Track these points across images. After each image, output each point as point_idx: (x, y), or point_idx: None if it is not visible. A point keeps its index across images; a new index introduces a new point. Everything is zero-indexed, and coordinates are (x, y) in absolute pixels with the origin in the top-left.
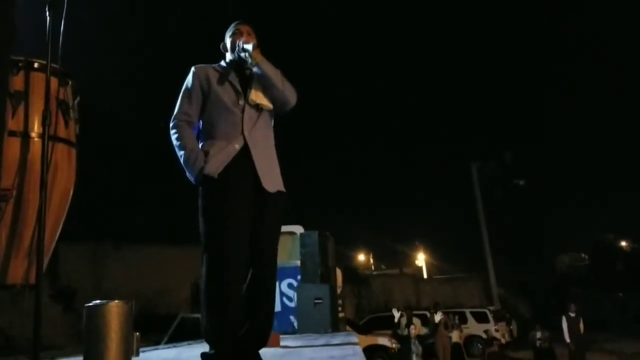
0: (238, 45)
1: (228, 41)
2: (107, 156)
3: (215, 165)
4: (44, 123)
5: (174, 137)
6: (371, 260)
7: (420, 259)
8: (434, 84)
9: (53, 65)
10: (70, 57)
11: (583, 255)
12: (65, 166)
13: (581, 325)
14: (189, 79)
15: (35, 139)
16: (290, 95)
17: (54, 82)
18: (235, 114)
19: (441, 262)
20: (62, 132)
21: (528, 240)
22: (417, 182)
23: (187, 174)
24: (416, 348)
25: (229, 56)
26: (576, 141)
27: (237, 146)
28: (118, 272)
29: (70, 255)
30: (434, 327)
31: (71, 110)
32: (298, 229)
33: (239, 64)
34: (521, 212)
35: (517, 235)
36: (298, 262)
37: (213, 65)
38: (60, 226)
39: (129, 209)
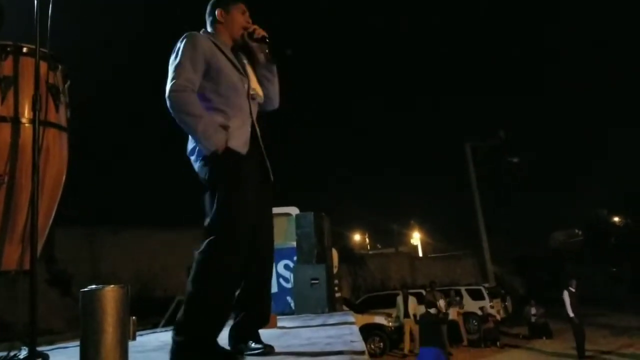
0: (256, 33)
1: (234, 16)
2: (104, 141)
3: (242, 140)
4: (34, 108)
5: (180, 104)
6: (367, 240)
7: (416, 238)
8: (429, 65)
9: (42, 49)
10: (62, 41)
11: (577, 231)
12: (57, 151)
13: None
14: (190, 46)
15: (26, 124)
16: (277, 99)
17: (43, 66)
18: (243, 97)
19: (436, 241)
20: (52, 117)
21: (522, 218)
22: (412, 162)
23: (203, 145)
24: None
25: (229, 30)
26: (571, 118)
27: (249, 127)
28: (115, 256)
29: (66, 240)
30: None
31: (61, 95)
32: (294, 210)
33: (239, 46)
34: (515, 190)
35: (511, 212)
36: (294, 243)
37: (210, 37)
38: (54, 211)
39: (125, 192)
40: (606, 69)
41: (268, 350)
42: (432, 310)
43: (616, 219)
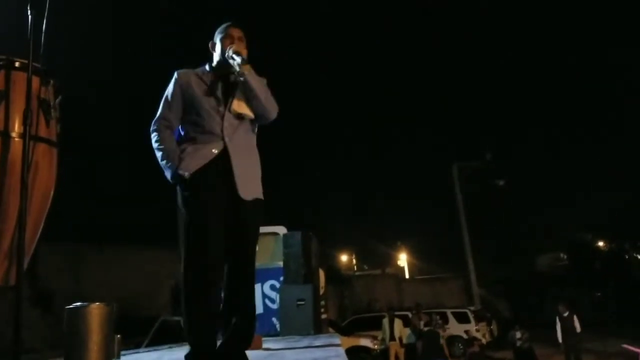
0: (228, 52)
1: (218, 44)
2: (90, 156)
3: (190, 164)
4: (25, 122)
5: (153, 139)
6: (354, 261)
7: (403, 259)
8: (416, 86)
9: (34, 64)
10: (53, 55)
11: (562, 255)
12: (46, 166)
13: (577, 324)
14: (170, 85)
15: (16, 139)
16: (271, 109)
17: (35, 81)
18: (216, 120)
19: (423, 263)
20: (43, 132)
21: (508, 241)
22: (399, 183)
23: (165, 172)
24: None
25: (216, 57)
26: (556, 142)
27: (215, 150)
28: (98, 274)
29: (50, 256)
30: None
31: (52, 110)
32: (281, 230)
33: (224, 69)
34: (501, 213)
35: (497, 235)
36: (281, 263)
37: (196, 70)
38: (41, 227)
39: (110, 210)
40: (593, 89)
41: None
42: (432, 327)
43: (601, 243)
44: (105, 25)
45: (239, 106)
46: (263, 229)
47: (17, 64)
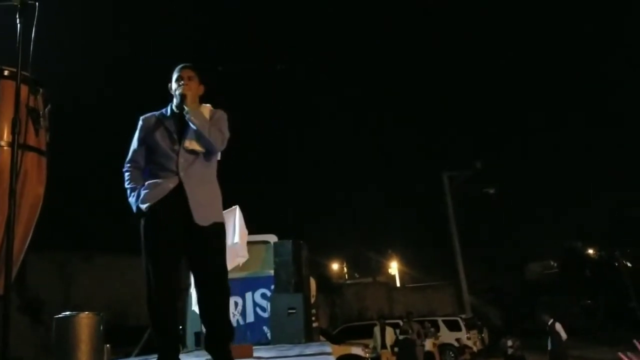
0: (175, 94)
1: (173, 85)
2: (78, 165)
3: (147, 199)
4: (14, 131)
5: (124, 179)
6: (345, 269)
7: (394, 268)
8: (406, 95)
9: (23, 72)
10: (42, 64)
11: (552, 263)
12: (35, 175)
13: (561, 332)
14: (136, 131)
15: (5, 148)
16: (216, 142)
17: (24, 89)
18: (172, 157)
19: (414, 271)
20: (32, 141)
21: (499, 249)
22: (390, 192)
23: (130, 205)
24: None
25: (174, 98)
26: (546, 150)
27: (171, 185)
28: (88, 283)
29: (38, 266)
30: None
31: (42, 119)
32: (272, 238)
33: (180, 108)
34: (492, 221)
35: (488, 243)
36: (271, 272)
37: (158, 113)
38: (30, 236)
39: (99, 218)
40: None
41: None
42: (408, 335)
43: (591, 251)
44: (93, 33)
45: (191, 143)
46: (254, 238)
47: (5, 73)
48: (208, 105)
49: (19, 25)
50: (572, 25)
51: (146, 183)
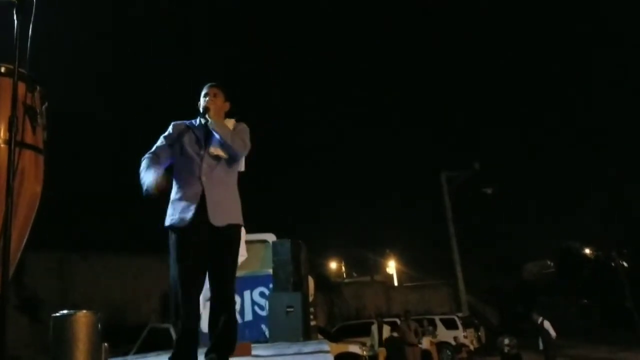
0: (200, 109)
1: (200, 101)
2: (76, 163)
3: (180, 218)
4: (11, 129)
5: (143, 163)
6: (343, 268)
7: (391, 267)
8: (405, 95)
9: (20, 70)
10: (39, 61)
11: (549, 262)
12: (32, 173)
13: (550, 330)
14: (167, 130)
15: (2, 145)
16: (238, 150)
17: (21, 87)
18: (196, 162)
19: (412, 270)
20: (29, 139)
21: (496, 248)
22: (388, 191)
23: (142, 183)
24: None
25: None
26: (544, 151)
27: (197, 191)
28: (86, 282)
29: (36, 265)
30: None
31: (39, 116)
32: (270, 237)
33: (206, 120)
34: (490, 221)
35: (485, 243)
36: (270, 271)
37: (188, 122)
38: (27, 235)
39: (97, 217)
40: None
41: None
42: (395, 334)
43: (588, 251)
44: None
45: (215, 149)
46: (252, 237)
47: (2, 70)
48: (232, 120)
49: (16, 22)
50: (571, 24)
51: (176, 192)
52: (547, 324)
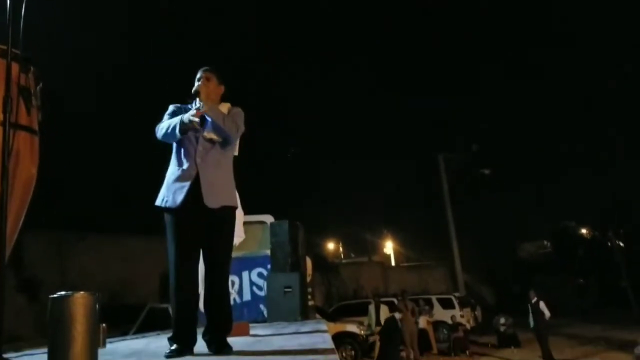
0: (194, 93)
1: (195, 84)
2: (73, 144)
3: (173, 199)
4: (5, 110)
5: (162, 125)
6: (340, 249)
7: (389, 247)
8: (402, 76)
9: (14, 50)
10: (33, 41)
11: (546, 242)
12: (27, 154)
13: (545, 310)
14: (168, 110)
15: None
16: (230, 131)
17: (15, 68)
18: (192, 144)
19: (409, 250)
20: (24, 120)
21: (493, 229)
22: (385, 172)
23: (176, 130)
24: None
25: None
26: (541, 131)
27: (190, 175)
28: (85, 262)
29: (35, 245)
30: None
31: (33, 98)
32: (268, 218)
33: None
34: (486, 201)
35: (482, 223)
36: (268, 251)
37: (185, 105)
38: (23, 215)
39: (95, 198)
40: (578, 82)
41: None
42: (396, 314)
43: (584, 230)
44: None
45: (209, 133)
46: (250, 218)
47: None
48: (227, 104)
49: (8, 2)
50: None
51: (171, 173)
52: (542, 305)
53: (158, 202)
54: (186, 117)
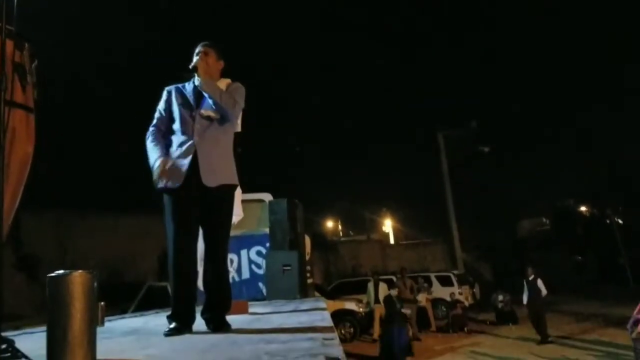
0: (192, 68)
1: (194, 60)
2: (73, 123)
3: (171, 181)
4: (0, 87)
5: (147, 140)
6: (339, 227)
7: (388, 225)
8: (402, 52)
9: (8, 27)
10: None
11: (544, 220)
12: (23, 132)
13: (542, 287)
14: (161, 100)
15: None
16: (227, 107)
17: (9, 44)
18: (189, 123)
19: (408, 228)
20: (19, 97)
21: (491, 206)
22: (384, 150)
23: (151, 167)
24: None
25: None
26: (540, 109)
27: (188, 153)
28: (84, 241)
29: (34, 224)
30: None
31: (28, 75)
32: (267, 197)
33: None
34: (485, 179)
35: (481, 201)
36: (267, 230)
37: (181, 84)
38: (20, 194)
39: (95, 177)
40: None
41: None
42: (393, 291)
43: (583, 208)
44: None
45: (206, 110)
46: (249, 196)
47: None
48: (227, 79)
49: None
50: None
51: (170, 151)
52: (539, 282)
53: (155, 177)
54: (154, 175)
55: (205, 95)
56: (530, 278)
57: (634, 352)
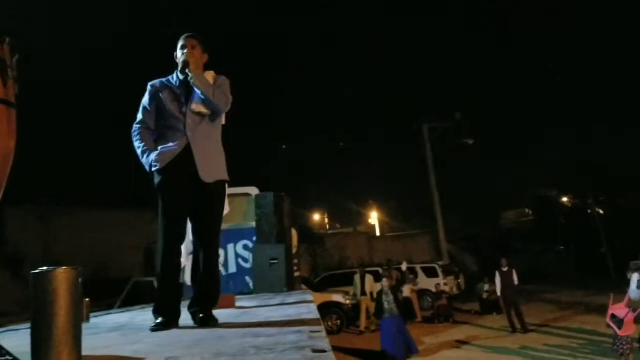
0: (180, 60)
1: (178, 53)
2: (56, 118)
3: (162, 160)
4: None
5: (134, 138)
6: (326, 220)
7: (374, 218)
8: (388, 44)
9: None
10: (9, 12)
11: (527, 210)
12: (4, 128)
13: (515, 278)
14: (145, 96)
15: None
16: (221, 104)
17: None
18: (180, 119)
19: (393, 220)
20: (0, 92)
21: (476, 198)
22: (370, 142)
23: (144, 164)
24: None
25: (179, 65)
26: (522, 100)
27: (181, 146)
28: (68, 237)
29: (18, 220)
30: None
31: (9, 69)
32: (253, 190)
33: (185, 75)
34: (470, 170)
35: (465, 193)
36: (253, 224)
37: (166, 79)
38: (2, 190)
39: (78, 172)
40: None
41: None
42: (383, 283)
43: (565, 199)
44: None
45: (197, 106)
46: (235, 190)
47: None
48: (212, 72)
49: None
50: None
51: (159, 148)
52: (514, 274)
53: (149, 165)
54: (151, 161)
55: (197, 91)
56: (505, 269)
57: (613, 340)
